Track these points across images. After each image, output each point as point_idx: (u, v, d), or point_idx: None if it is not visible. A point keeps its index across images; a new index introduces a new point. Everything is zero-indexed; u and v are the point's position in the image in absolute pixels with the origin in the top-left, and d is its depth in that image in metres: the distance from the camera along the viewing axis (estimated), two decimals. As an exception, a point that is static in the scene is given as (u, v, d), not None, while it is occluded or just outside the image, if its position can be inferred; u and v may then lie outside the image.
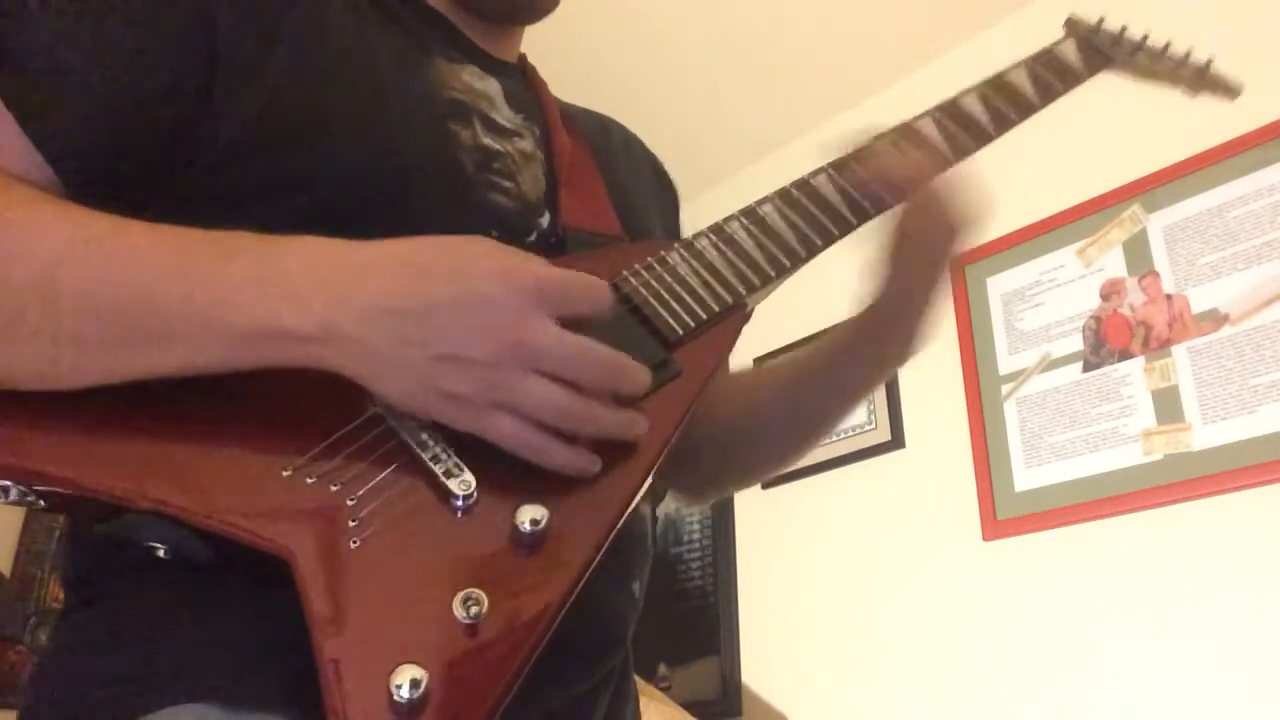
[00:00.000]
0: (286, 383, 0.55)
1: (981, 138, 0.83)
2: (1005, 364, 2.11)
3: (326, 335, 0.53)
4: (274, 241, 0.55)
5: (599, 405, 0.56)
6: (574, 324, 0.56)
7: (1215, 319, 1.83)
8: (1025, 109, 0.86)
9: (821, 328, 0.89)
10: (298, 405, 0.55)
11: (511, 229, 0.73)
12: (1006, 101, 0.85)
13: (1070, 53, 0.93)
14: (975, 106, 0.84)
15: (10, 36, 0.59)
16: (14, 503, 0.53)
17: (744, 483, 1.02)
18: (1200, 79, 1.04)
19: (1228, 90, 1.06)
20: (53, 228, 0.54)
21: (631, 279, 0.68)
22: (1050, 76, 0.89)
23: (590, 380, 0.55)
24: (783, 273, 0.72)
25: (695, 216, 1.03)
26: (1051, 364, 2.03)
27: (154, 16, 0.62)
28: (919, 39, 2.44)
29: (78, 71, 0.60)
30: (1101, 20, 0.99)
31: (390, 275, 0.54)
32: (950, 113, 0.83)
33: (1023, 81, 0.87)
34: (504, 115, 0.79)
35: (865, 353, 0.85)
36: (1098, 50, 0.95)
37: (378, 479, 0.54)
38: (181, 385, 0.55)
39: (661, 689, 2.29)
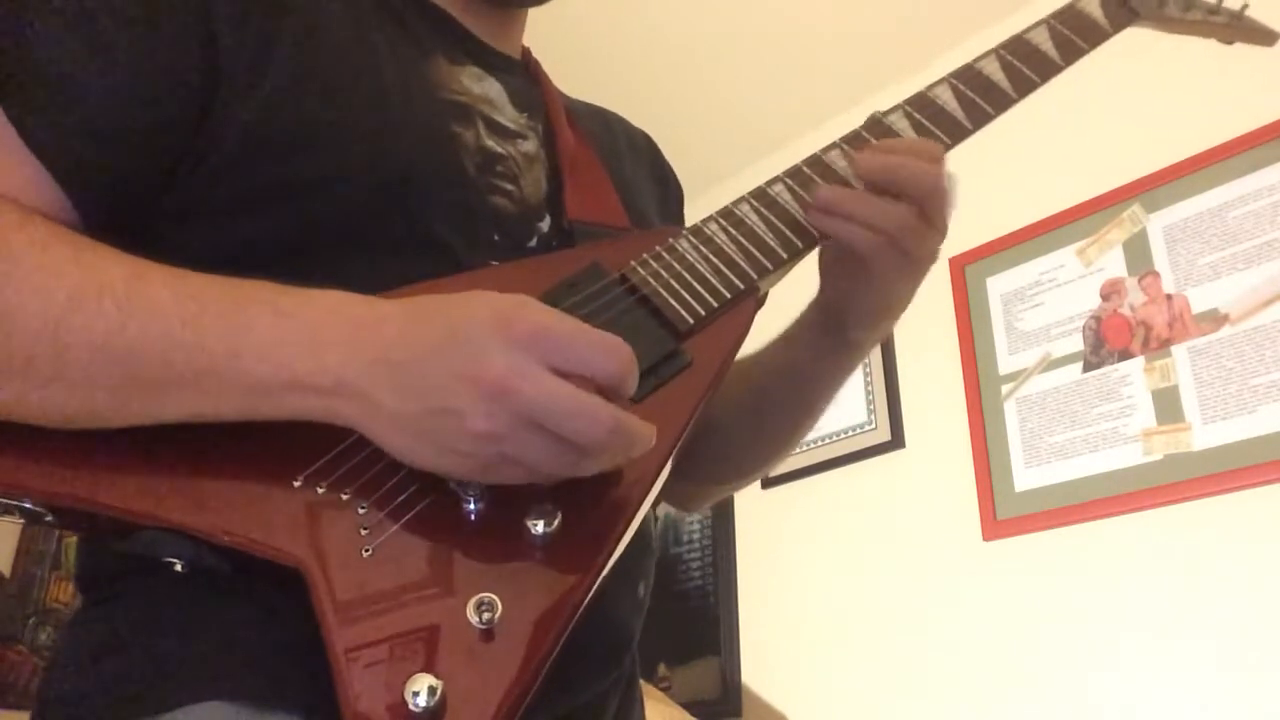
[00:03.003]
0: None
1: (1002, 102, 0.78)
2: (1005, 364, 2.11)
3: (337, 387, 0.52)
4: (291, 292, 0.55)
5: (595, 461, 0.53)
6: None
7: (1215, 319, 1.83)
8: (1048, 70, 0.81)
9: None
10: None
11: (512, 233, 0.72)
12: (1027, 63, 0.80)
13: (1093, 7, 0.87)
14: (994, 69, 0.80)
15: (9, 55, 0.58)
16: (26, 521, 0.53)
17: (721, 490, 0.99)
18: (1235, 26, 0.98)
19: (1265, 36, 0.99)
20: (66, 273, 0.53)
21: (640, 269, 0.66)
22: (1073, 34, 0.84)
23: (583, 441, 0.51)
24: (796, 255, 0.70)
25: (698, 215, 1.02)
26: (1051, 364, 2.03)
27: (152, 25, 0.62)
28: (922, 37, 2.44)
29: (77, 84, 0.59)
30: None
31: (395, 327, 0.53)
32: (968, 78, 0.79)
33: (1044, 40, 0.83)
34: (507, 116, 0.78)
35: (839, 343, 0.81)
36: (1123, 3, 0.89)
37: (387, 486, 0.54)
38: None
39: (661, 689, 2.29)
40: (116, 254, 0.55)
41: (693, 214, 1.03)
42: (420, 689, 0.46)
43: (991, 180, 2.10)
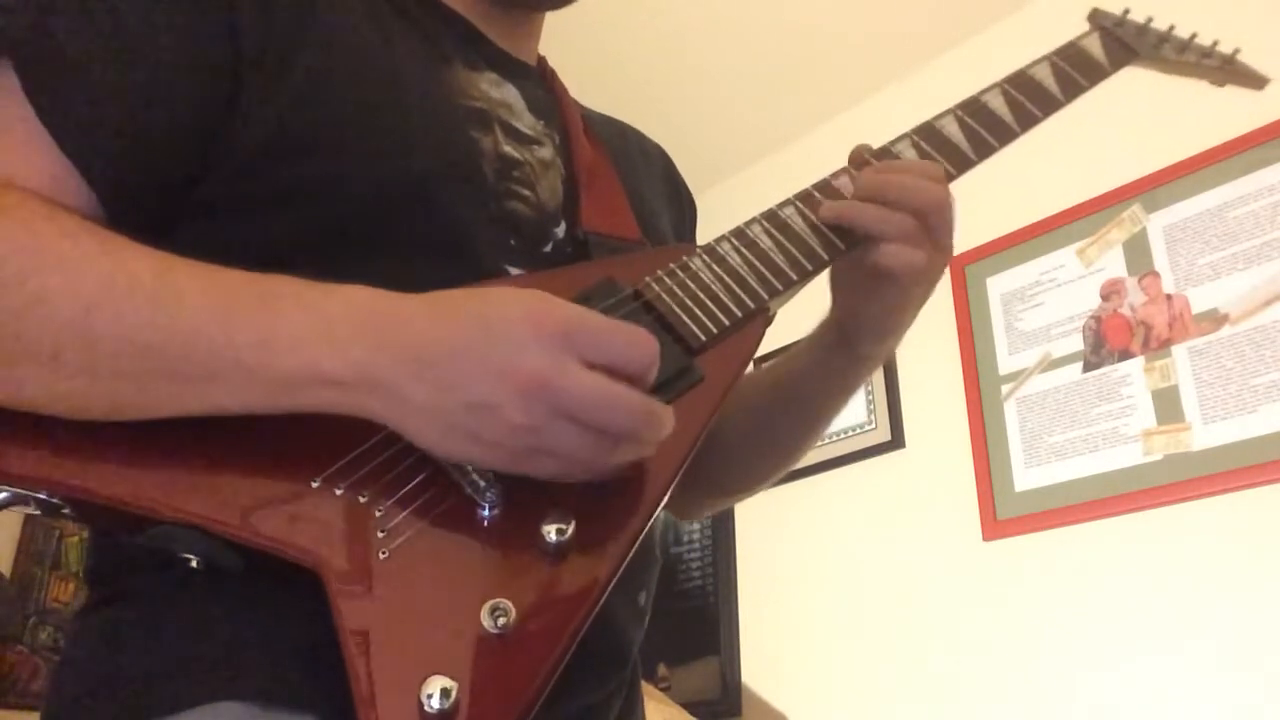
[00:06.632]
0: None
1: (1005, 135, 0.82)
2: (1005, 364, 2.11)
3: (363, 382, 0.53)
4: (317, 287, 0.55)
5: (626, 448, 0.55)
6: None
7: (1215, 319, 1.83)
8: (1049, 105, 0.85)
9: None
10: (326, 417, 0.55)
11: (528, 237, 0.73)
12: (1030, 98, 0.84)
13: (1094, 46, 0.91)
14: (999, 103, 0.83)
15: (36, 48, 0.59)
16: (42, 513, 0.53)
17: (725, 501, 1.01)
18: (1226, 70, 1.03)
19: (1255, 81, 1.04)
20: (96, 264, 0.53)
21: (654, 285, 0.67)
22: (1074, 71, 0.87)
23: (617, 429, 0.54)
24: (805, 276, 0.72)
25: (699, 213, 1.03)
26: (1051, 364, 2.04)
27: (178, 25, 0.62)
28: (920, 38, 2.44)
29: (104, 80, 0.59)
30: (1126, 12, 0.97)
31: (424, 322, 0.54)
32: (973, 110, 0.82)
33: (1046, 77, 0.86)
34: (525, 122, 0.79)
35: (849, 359, 0.84)
36: (1122, 43, 0.93)
37: (405, 490, 0.54)
38: None
39: (661, 689, 2.29)
40: (143, 247, 0.55)
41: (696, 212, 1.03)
42: (434, 691, 0.47)
43: (991, 180, 2.10)
